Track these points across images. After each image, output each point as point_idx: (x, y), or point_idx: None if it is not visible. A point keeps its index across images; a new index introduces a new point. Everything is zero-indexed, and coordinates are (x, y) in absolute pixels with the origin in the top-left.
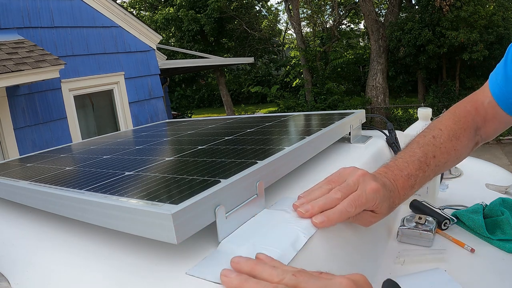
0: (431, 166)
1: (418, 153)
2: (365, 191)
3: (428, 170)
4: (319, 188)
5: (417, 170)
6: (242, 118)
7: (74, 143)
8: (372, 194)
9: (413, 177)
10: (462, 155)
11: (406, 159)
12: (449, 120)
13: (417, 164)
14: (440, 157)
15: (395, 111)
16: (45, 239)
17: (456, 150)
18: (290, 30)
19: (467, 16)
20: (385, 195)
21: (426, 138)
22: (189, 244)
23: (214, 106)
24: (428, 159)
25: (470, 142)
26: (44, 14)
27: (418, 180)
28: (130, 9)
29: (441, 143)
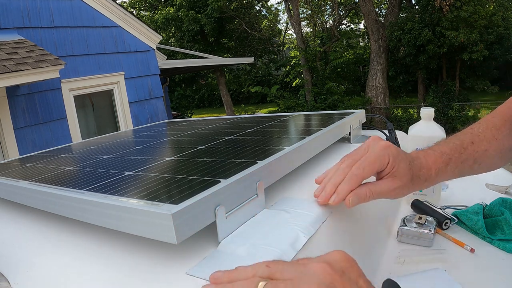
0: (468, 150)
1: (454, 139)
2: (374, 150)
3: (465, 153)
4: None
5: (452, 150)
6: (242, 118)
7: (74, 143)
8: (382, 150)
9: (446, 155)
10: (505, 147)
11: (441, 143)
12: (488, 115)
13: (451, 145)
14: (479, 143)
15: (395, 111)
16: (45, 239)
17: (498, 140)
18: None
19: (467, 16)
20: (401, 154)
21: (464, 131)
22: (189, 244)
23: (214, 106)
24: (465, 143)
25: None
26: (44, 14)
27: (454, 160)
28: (130, 9)
29: (480, 132)
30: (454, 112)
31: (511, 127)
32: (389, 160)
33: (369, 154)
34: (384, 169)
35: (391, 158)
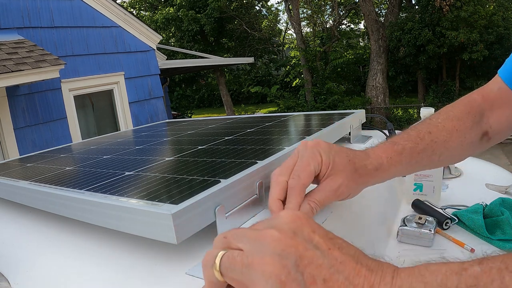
0: (425, 140)
1: (409, 130)
2: (304, 154)
3: (421, 143)
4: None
5: (405, 140)
6: (242, 118)
7: (74, 143)
8: (310, 150)
9: (399, 144)
10: (468, 139)
11: (394, 136)
12: (449, 106)
13: (405, 136)
14: (437, 133)
15: (395, 111)
16: (45, 239)
17: (459, 131)
18: (290, 30)
19: (467, 16)
20: (334, 148)
21: (422, 121)
22: (189, 244)
23: (214, 106)
24: (422, 133)
25: (475, 126)
26: (44, 14)
27: (408, 149)
28: (130, 9)
29: (439, 122)
30: None
31: (474, 120)
32: (322, 157)
33: (300, 160)
34: (321, 169)
35: (323, 155)
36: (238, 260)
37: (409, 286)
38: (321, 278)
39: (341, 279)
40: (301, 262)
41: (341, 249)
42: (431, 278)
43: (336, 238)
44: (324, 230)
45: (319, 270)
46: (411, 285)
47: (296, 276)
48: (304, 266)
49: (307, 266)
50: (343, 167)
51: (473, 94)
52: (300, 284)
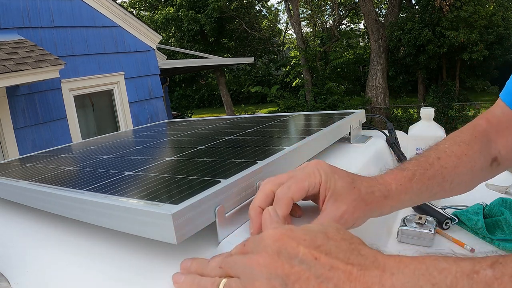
0: (435, 166)
1: (418, 156)
2: (304, 168)
3: (431, 169)
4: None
5: (414, 166)
6: (242, 118)
7: (74, 143)
8: (312, 167)
9: (409, 170)
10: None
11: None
12: (455, 133)
13: (414, 162)
14: (446, 159)
15: (395, 111)
16: (45, 239)
17: (468, 155)
18: (290, 30)
19: (467, 16)
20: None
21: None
22: (189, 244)
23: (214, 106)
24: (430, 159)
25: (484, 151)
26: (44, 14)
27: (418, 175)
28: (130, 9)
29: (446, 147)
30: (454, 112)
31: (481, 144)
32: (321, 176)
33: (298, 172)
34: (319, 189)
35: (323, 175)
36: (234, 286)
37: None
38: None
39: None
40: (289, 280)
41: (329, 254)
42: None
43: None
44: (310, 237)
45: (307, 283)
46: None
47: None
48: (292, 283)
49: (295, 282)
50: (347, 193)
51: (478, 120)
52: None
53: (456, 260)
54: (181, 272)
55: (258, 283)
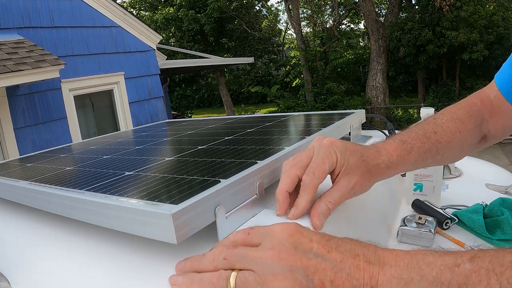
0: (431, 140)
1: (416, 129)
2: (319, 151)
3: (428, 143)
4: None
5: (413, 140)
6: (242, 118)
7: (74, 143)
8: (326, 148)
9: (408, 143)
10: (468, 141)
11: (401, 133)
12: (452, 107)
13: (413, 135)
14: (442, 134)
15: (395, 111)
16: (45, 239)
17: (461, 132)
18: (290, 30)
19: (467, 16)
20: (349, 148)
21: (427, 120)
22: (189, 244)
23: (214, 106)
24: (428, 133)
25: (476, 129)
26: (44, 14)
27: (416, 149)
28: (130, 9)
29: (443, 122)
30: None
31: (475, 123)
32: (337, 157)
33: (315, 157)
34: (335, 168)
35: (338, 155)
36: (251, 279)
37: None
38: (328, 280)
39: (344, 276)
40: (309, 271)
41: (338, 248)
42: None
43: (332, 239)
44: (319, 235)
45: (324, 274)
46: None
47: (308, 285)
48: (312, 274)
49: (315, 273)
50: (357, 167)
51: (472, 98)
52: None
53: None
54: (177, 273)
55: (280, 276)
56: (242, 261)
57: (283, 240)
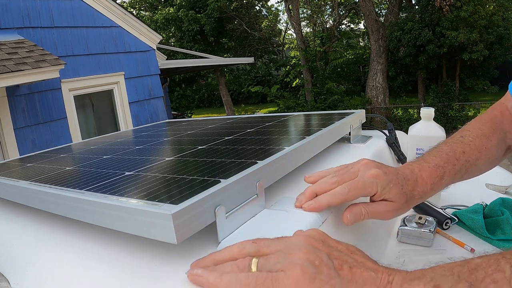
0: (461, 161)
1: (446, 149)
2: (363, 176)
3: (458, 164)
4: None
5: (445, 163)
6: (242, 118)
7: (74, 143)
8: (371, 179)
9: (441, 168)
10: (493, 156)
11: (433, 154)
12: (475, 123)
13: (445, 157)
14: (470, 153)
15: (395, 111)
16: (45, 239)
17: (487, 148)
18: (290, 30)
19: (467, 16)
20: (392, 181)
21: (454, 138)
22: (189, 244)
23: (214, 106)
24: (457, 153)
25: (500, 142)
26: (44, 14)
27: (448, 172)
28: (130, 9)
29: (470, 140)
30: (454, 112)
31: (499, 137)
32: (377, 190)
33: (358, 180)
34: (372, 197)
35: (379, 188)
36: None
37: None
38: (347, 266)
39: (364, 268)
40: (331, 255)
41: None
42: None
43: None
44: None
45: (345, 262)
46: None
47: (327, 262)
48: (333, 258)
49: (335, 258)
50: (397, 198)
51: (493, 111)
52: (331, 268)
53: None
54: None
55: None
56: (270, 245)
57: (313, 235)
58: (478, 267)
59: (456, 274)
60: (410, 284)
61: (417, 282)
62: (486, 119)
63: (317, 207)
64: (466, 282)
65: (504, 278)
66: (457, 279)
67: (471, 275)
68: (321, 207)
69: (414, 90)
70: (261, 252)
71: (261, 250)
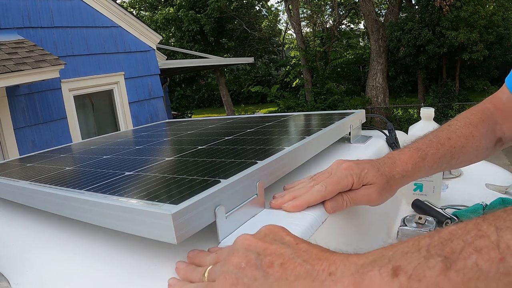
0: (445, 146)
1: (430, 136)
2: (337, 172)
3: (442, 149)
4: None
5: (427, 147)
6: (242, 118)
7: (74, 143)
8: (344, 171)
9: (422, 151)
10: (482, 145)
11: (417, 140)
12: (465, 113)
13: (427, 142)
14: (455, 139)
15: (395, 111)
16: (45, 239)
17: (474, 136)
18: (290, 30)
19: (467, 16)
20: (365, 167)
21: (441, 127)
22: (189, 244)
23: (214, 106)
24: (442, 139)
25: (489, 133)
26: (44, 14)
27: (430, 155)
28: (130, 9)
29: (457, 128)
30: (454, 112)
31: (488, 127)
32: (353, 180)
33: (332, 176)
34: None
35: (354, 178)
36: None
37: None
38: (278, 263)
39: (299, 261)
40: (264, 252)
41: (310, 244)
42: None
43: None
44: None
45: (278, 257)
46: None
47: (255, 262)
48: (265, 255)
49: (268, 255)
50: (376, 180)
51: (485, 103)
52: (257, 268)
53: None
54: None
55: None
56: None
57: (258, 232)
58: (453, 236)
59: (424, 249)
60: (362, 271)
61: (371, 267)
62: (476, 110)
63: (297, 206)
64: (438, 257)
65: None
66: (425, 254)
67: (444, 247)
68: (300, 206)
69: (414, 90)
70: (215, 259)
71: (217, 256)
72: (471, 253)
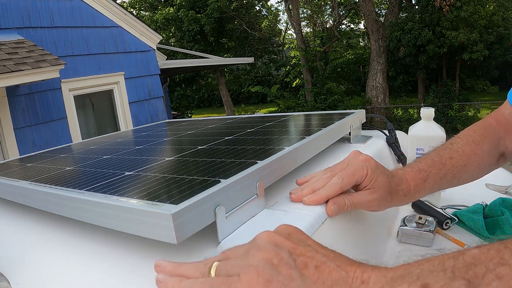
0: (447, 166)
1: (433, 155)
2: (353, 163)
3: (443, 169)
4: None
5: (430, 167)
6: (242, 118)
7: (74, 143)
8: (361, 163)
9: (424, 172)
10: (484, 162)
11: (419, 160)
12: (468, 131)
13: (430, 162)
14: (457, 158)
15: (395, 111)
16: (45, 239)
17: (477, 154)
18: (290, 30)
19: (467, 16)
20: (380, 168)
21: (444, 146)
22: (189, 244)
23: (214, 106)
24: (444, 159)
25: (492, 149)
26: (44, 14)
27: (432, 176)
28: (130, 9)
29: (459, 147)
30: (454, 112)
31: (491, 144)
32: (367, 172)
33: (349, 167)
34: (363, 181)
35: (369, 171)
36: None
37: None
38: (313, 265)
39: (333, 266)
40: (294, 252)
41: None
42: (427, 265)
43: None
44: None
45: (311, 259)
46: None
47: (288, 261)
48: (297, 255)
49: (300, 255)
50: (381, 186)
51: (488, 119)
52: (292, 267)
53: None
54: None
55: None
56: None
57: (279, 230)
58: (477, 261)
59: (449, 270)
60: (392, 284)
61: (400, 281)
62: (479, 127)
63: (317, 200)
64: (462, 280)
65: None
66: (450, 275)
67: (468, 270)
68: (321, 200)
69: (414, 90)
70: (224, 257)
71: (226, 254)
72: (493, 280)
